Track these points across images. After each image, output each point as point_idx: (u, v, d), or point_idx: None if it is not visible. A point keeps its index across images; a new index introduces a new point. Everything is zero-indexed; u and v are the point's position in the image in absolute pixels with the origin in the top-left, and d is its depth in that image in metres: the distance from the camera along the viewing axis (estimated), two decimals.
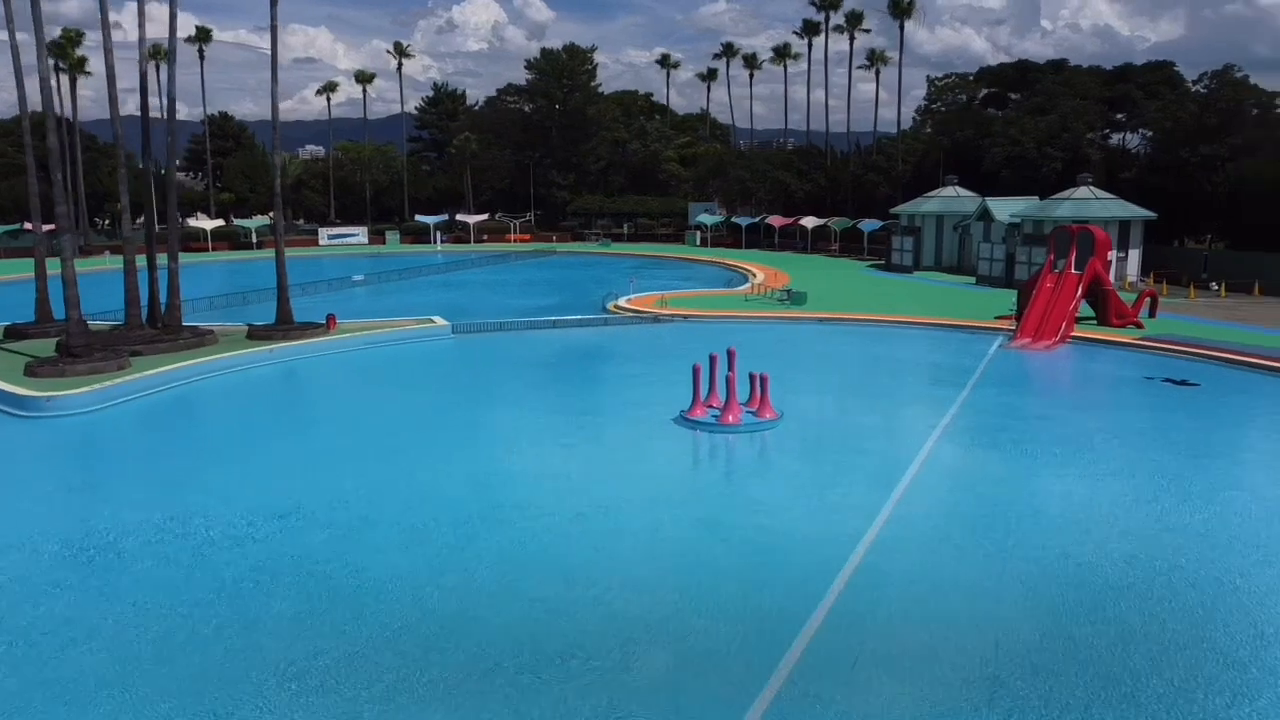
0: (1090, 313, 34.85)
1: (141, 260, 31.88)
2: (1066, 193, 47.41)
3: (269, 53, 32.43)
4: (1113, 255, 39.60)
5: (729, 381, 21.53)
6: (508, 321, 35.86)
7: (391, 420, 22.53)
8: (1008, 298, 41.11)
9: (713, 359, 22.65)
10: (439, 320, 35.17)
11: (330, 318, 34.09)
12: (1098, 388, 26.64)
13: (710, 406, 22.28)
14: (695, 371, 21.94)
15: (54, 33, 77.06)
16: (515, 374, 28.55)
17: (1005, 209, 50.54)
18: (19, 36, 29.63)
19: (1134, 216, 45.83)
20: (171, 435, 21.93)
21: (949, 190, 58.60)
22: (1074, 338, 32.34)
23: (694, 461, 19.67)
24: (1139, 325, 33.75)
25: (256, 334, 32.04)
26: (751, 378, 22.36)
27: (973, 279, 50.38)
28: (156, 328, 30.99)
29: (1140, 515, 15.54)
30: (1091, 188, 47.16)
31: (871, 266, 60.88)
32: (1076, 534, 14.64)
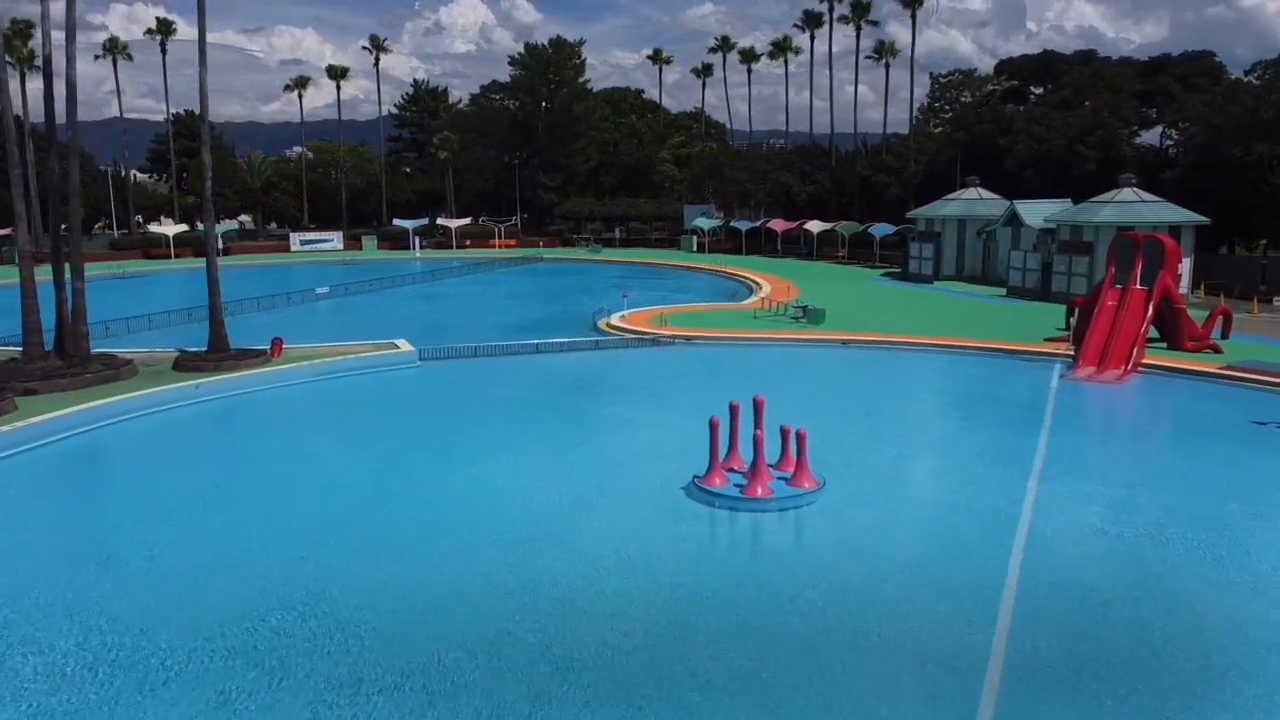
0: (1153, 334, 30.08)
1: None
2: (1108, 195, 42.70)
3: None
4: (1184, 267, 34.93)
5: (757, 442, 16.68)
6: (483, 346, 30.88)
7: (325, 492, 17.53)
8: (1047, 313, 36.58)
9: (733, 409, 17.81)
10: (403, 345, 30.20)
11: (275, 343, 29.14)
12: (1200, 436, 21.79)
13: (732, 470, 17.45)
14: (712, 427, 17.06)
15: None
16: (486, 416, 23.56)
17: (1036, 213, 45.85)
18: None
19: (1185, 221, 41.17)
20: (37, 511, 16.89)
21: (970, 192, 53.87)
22: (1144, 366, 27.59)
23: (714, 563, 14.72)
24: (1216, 350, 29.02)
25: (185, 363, 27.05)
26: (784, 433, 17.53)
27: (1002, 290, 45.64)
28: (64, 359, 25.92)
29: None
30: (1136, 189, 42.47)
31: (885, 275, 56.09)
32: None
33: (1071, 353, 28.89)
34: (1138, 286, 29.75)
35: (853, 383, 27.72)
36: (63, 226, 27.68)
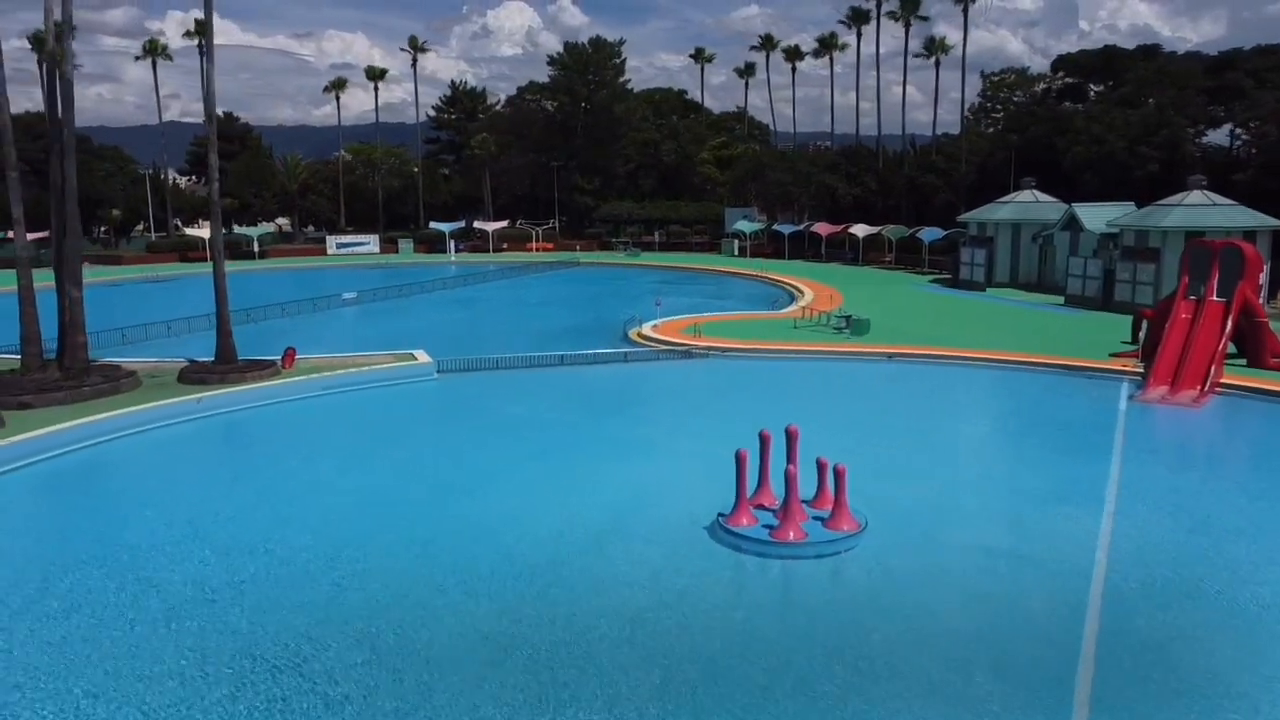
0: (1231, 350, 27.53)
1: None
2: (1176, 198, 39.96)
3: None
4: (1265, 276, 32.28)
5: (789, 479, 14.74)
6: (505, 359, 29.21)
7: (320, 523, 15.87)
8: (1110, 324, 34.13)
9: (764, 439, 15.89)
10: (421, 356, 28.64)
11: (288, 353, 27.73)
12: None
13: (760, 508, 15.54)
14: (739, 461, 15.15)
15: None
16: (498, 439, 21.76)
17: (1097, 217, 43.19)
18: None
19: (1261, 226, 38.28)
20: (16, 539, 15.42)
21: (1026, 195, 51.17)
22: (1222, 386, 25.11)
23: (732, 623, 12.78)
24: None
25: (190, 375, 25.71)
26: (820, 467, 15.58)
27: (1060, 299, 43.03)
28: (64, 369, 24.68)
29: None
30: (1205, 191, 39.69)
31: (934, 282, 53.58)
32: None
33: (1141, 370, 26.49)
34: (1214, 298, 27.26)
35: (898, 402, 25.56)
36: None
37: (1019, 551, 14.48)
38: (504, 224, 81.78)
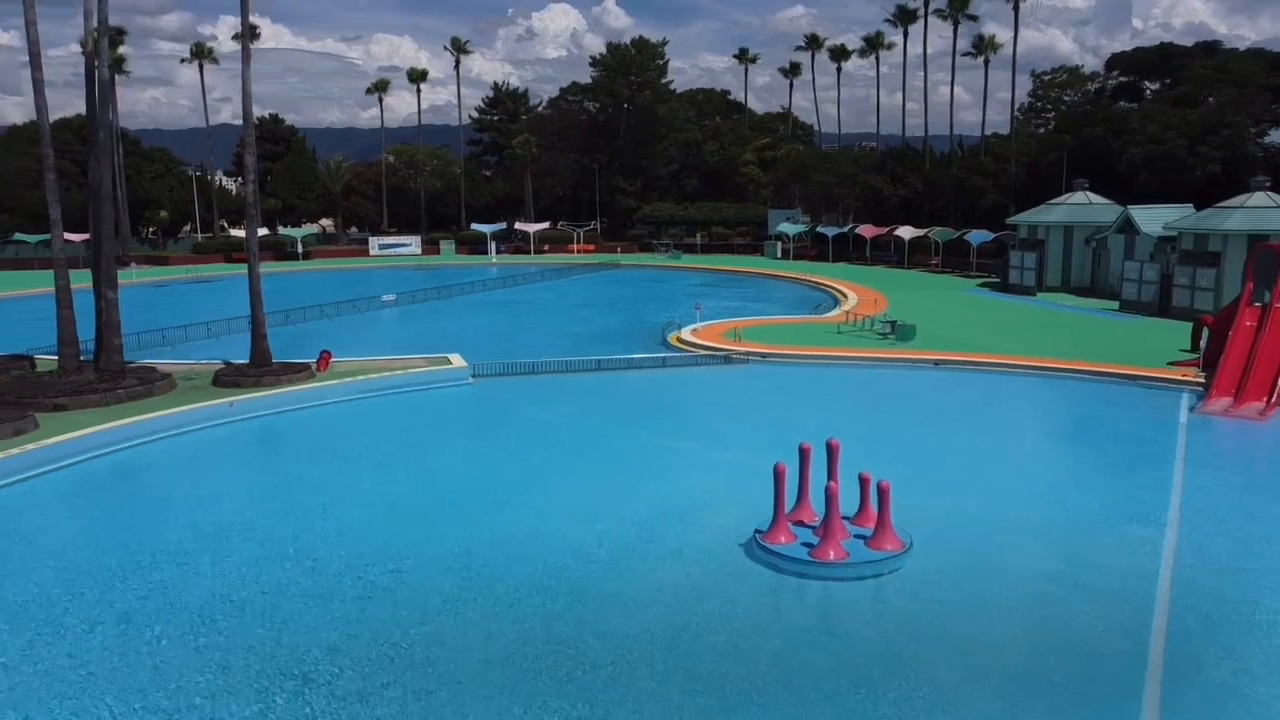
0: None
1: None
2: (1237, 200, 38.45)
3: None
4: None
5: (830, 495, 14.02)
6: (540, 363, 28.73)
7: (338, 534, 15.46)
8: (1168, 331, 32.87)
9: (803, 453, 15.18)
10: (456, 360, 28.27)
11: (324, 356, 27.52)
12: None
13: (799, 524, 14.85)
14: (777, 475, 14.45)
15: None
16: (530, 446, 21.24)
17: (1153, 219, 41.76)
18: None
19: None
20: (26, 553, 15.18)
21: (1079, 197, 49.66)
22: None
23: (768, 646, 12.08)
24: None
25: (224, 378, 25.54)
26: (863, 483, 14.83)
27: (1114, 304, 41.60)
28: (99, 371, 24.63)
29: None
30: (1270, 193, 38.10)
31: (983, 286, 52.24)
32: None
33: (1202, 380, 25.29)
34: None
35: (946, 412, 24.64)
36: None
37: (1074, 577, 13.61)
38: (545, 226, 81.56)
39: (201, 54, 79.11)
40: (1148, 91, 63.05)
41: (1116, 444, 21.22)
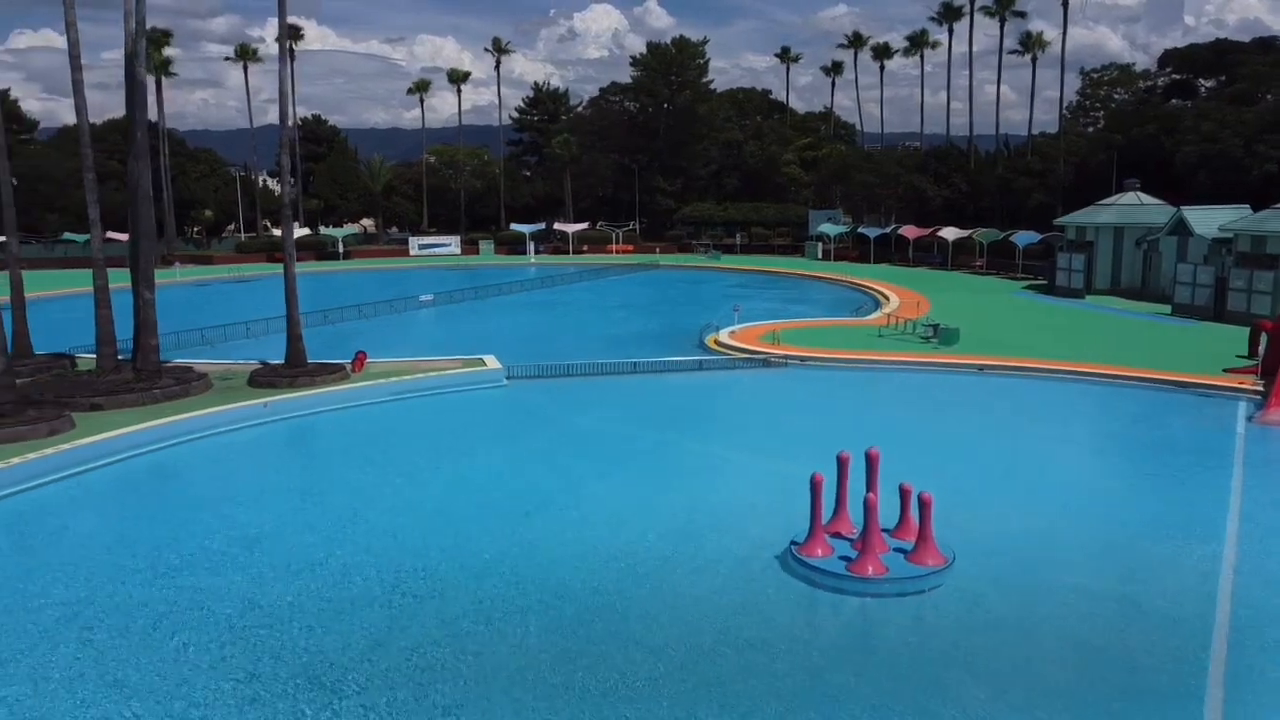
0: None
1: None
2: None
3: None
4: None
5: (869, 506, 13.51)
6: (576, 365, 28.43)
7: (368, 542, 15.24)
8: (1223, 337, 31.79)
9: (842, 462, 14.68)
10: (491, 362, 28.06)
11: (359, 357, 27.45)
12: None
13: (837, 536, 14.36)
14: (815, 486, 13.95)
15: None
16: (563, 452, 20.88)
17: (1208, 220, 40.46)
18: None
19: None
20: (53, 555, 15.13)
21: (1129, 197, 48.37)
22: None
23: (804, 668, 11.61)
24: None
25: (260, 379, 25.55)
26: (904, 494, 14.29)
27: (1166, 308, 40.40)
28: (137, 371, 24.73)
29: None
30: None
31: (1028, 288, 51.10)
32: None
33: (1260, 388, 24.32)
34: None
35: (990, 419, 23.93)
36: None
37: (1127, 595, 12.98)
38: (584, 226, 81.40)
39: (246, 55, 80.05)
40: (1202, 89, 61.30)
41: (1171, 455, 20.40)
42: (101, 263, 24.78)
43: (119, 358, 25.36)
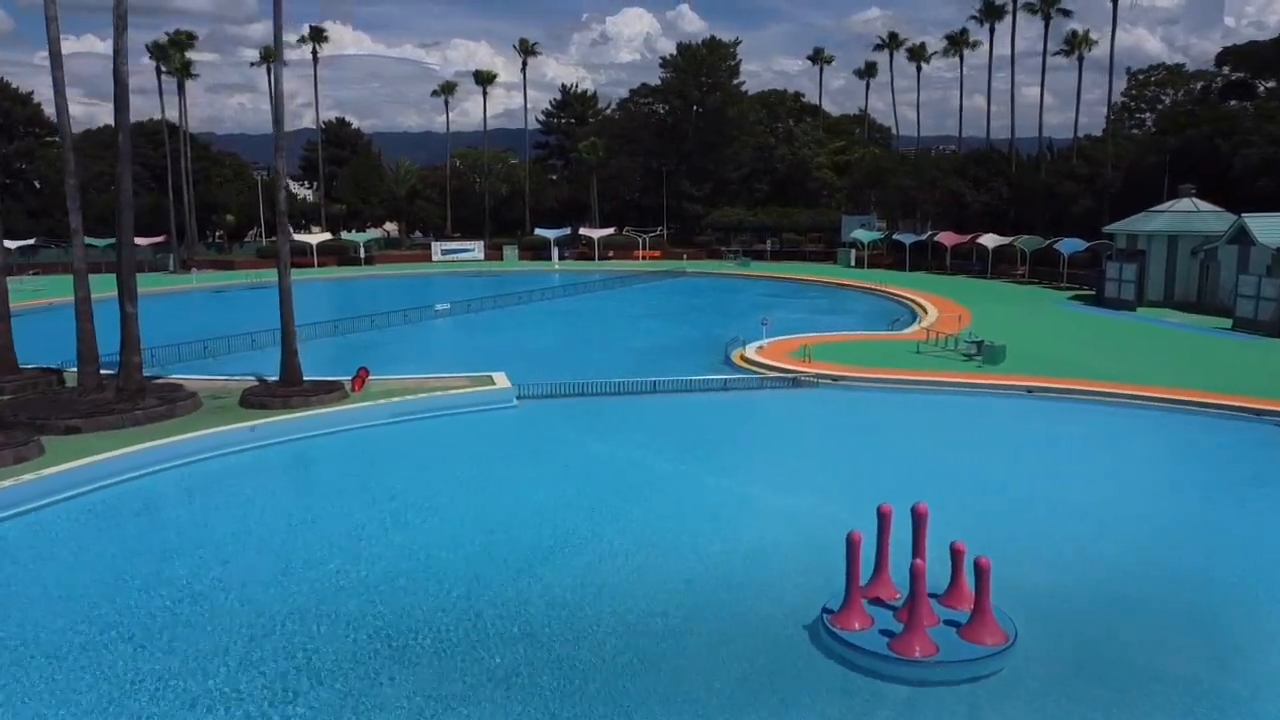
0: None
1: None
2: None
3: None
4: None
5: (916, 574, 11.43)
6: (591, 384, 26.49)
7: (368, 584, 13.36)
8: None
9: (883, 516, 12.59)
10: (500, 380, 26.18)
11: (360, 374, 25.69)
12: None
13: (876, 602, 12.29)
14: (851, 546, 11.88)
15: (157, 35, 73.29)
16: (569, 487, 18.94)
17: (1272, 229, 37.90)
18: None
19: None
20: (12, 597, 13.39)
21: (1184, 203, 45.69)
22: None
23: None
24: None
25: (252, 397, 23.84)
26: (955, 555, 12.17)
27: (1226, 322, 37.76)
28: (120, 390, 23.09)
29: None
30: None
31: (1074, 299, 48.47)
32: None
33: None
34: None
35: (1044, 450, 21.60)
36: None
37: (1223, 686, 10.78)
38: (610, 231, 79.51)
39: (270, 58, 78.93)
40: (1262, 89, 58.23)
41: (1253, 499, 18.04)
42: (83, 272, 23.18)
43: (102, 375, 23.73)
